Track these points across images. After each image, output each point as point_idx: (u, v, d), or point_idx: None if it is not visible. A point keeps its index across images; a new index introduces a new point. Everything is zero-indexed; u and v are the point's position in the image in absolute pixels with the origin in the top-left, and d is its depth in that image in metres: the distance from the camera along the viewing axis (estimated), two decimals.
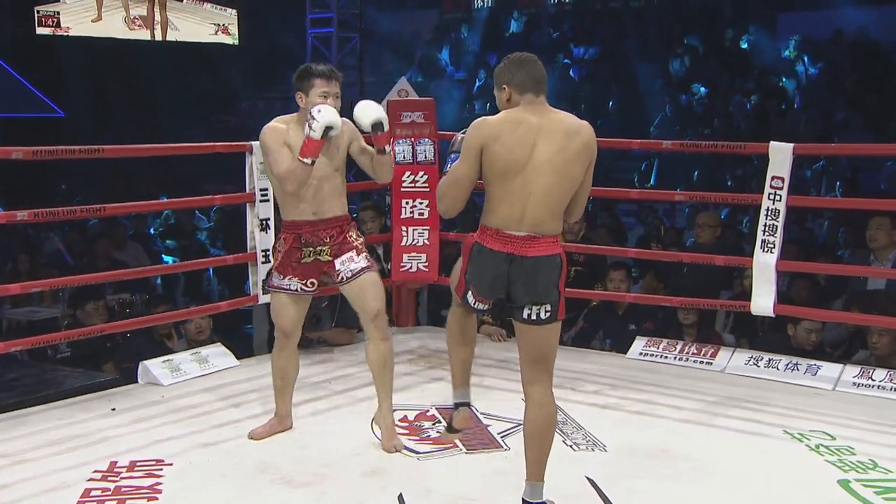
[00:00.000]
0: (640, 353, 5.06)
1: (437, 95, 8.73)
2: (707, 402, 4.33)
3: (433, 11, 15.97)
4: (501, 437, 3.85)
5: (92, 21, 11.06)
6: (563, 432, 3.88)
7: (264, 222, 4.87)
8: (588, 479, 3.43)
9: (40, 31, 10.44)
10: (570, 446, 3.76)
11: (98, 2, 10.87)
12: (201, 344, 5.04)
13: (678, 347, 5.02)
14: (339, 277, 3.67)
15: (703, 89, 12.09)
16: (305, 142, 3.47)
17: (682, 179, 9.85)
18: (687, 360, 4.95)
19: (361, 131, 3.66)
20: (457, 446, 3.72)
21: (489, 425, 3.97)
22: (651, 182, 10.93)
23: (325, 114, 3.46)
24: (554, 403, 3.12)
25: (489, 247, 2.99)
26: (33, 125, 12.17)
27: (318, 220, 3.65)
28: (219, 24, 12.07)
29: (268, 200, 4.85)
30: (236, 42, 12.31)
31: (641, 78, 12.61)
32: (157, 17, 11.48)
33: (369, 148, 3.71)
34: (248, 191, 4.87)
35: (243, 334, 6.49)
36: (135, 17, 11.21)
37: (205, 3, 11.90)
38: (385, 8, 13.92)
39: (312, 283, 3.71)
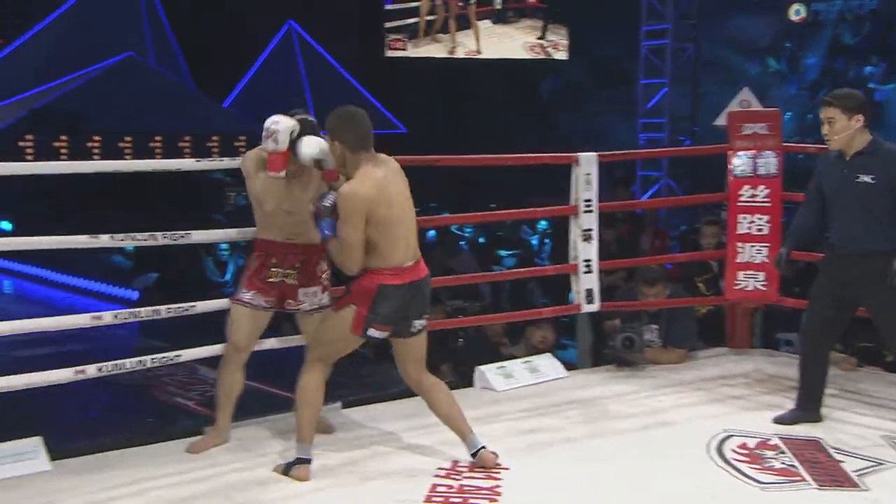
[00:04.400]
0: None
1: (776, 105, 8.26)
2: None
3: (770, 18, 15.18)
4: (858, 475, 3.51)
5: (412, 46, 11.78)
6: None
7: (587, 233, 4.87)
8: None
9: (388, 53, 11.30)
10: None
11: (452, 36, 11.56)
12: (540, 352, 5.16)
13: None
14: (300, 306, 3.74)
15: None
16: (270, 157, 3.49)
17: None
18: None
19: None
20: (805, 480, 3.45)
21: (842, 462, 3.64)
22: None
23: (284, 122, 3.48)
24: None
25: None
26: (377, 141, 13.22)
27: (289, 244, 3.67)
28: (548, 41, 12.35)
29: (591, 211, 4.86)
30: (565, 57, 12.50)
31: None
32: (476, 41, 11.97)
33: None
34: (571, 203, 4.90)
35: (559, 345, 6.53)
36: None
37: (522, 20, 12.21)
38: (721, 16, 13.42)
39: (270, 303, 3.72)
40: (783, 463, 3.64)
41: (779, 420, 4.13)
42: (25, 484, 3.42)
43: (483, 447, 3.59)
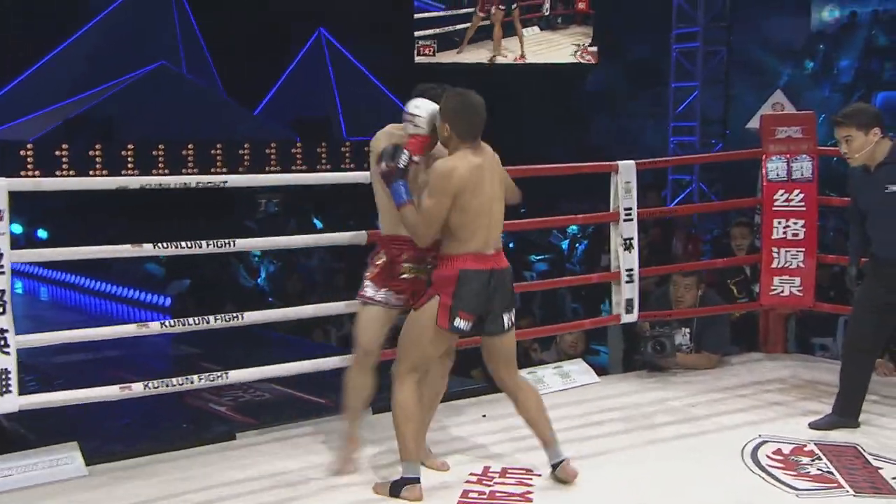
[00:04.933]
0: None
1: (810, 108, 8.18)
2: None
3: (803, 20, 15.05)
4: None
5: (456, 52, 11.80)
6: None
7: (628, 241, 4.84)
8: None
9: (418, 59, 11.34)
10: None
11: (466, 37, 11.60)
12: (571, 357, 5.14)
13: None
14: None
15: None
16: (410, 140, 3.35)
17: None
18: None
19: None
20: (842, 486, 3.40)
21: (880, 468, 3.59)
22: None
23: (425, 106, 3.36)
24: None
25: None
26: None
27: None
28: (579, 45, 12.32)
29: (631, 220, 4.83)
30: (595, 62, 12.48)
31: None
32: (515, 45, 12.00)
33: None
34: (612, 209, 4.87)
35: (590, 351, 6.49)
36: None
37: (571, 26, 12.21)
38: (754, 18, 13.33)
39: (400, 300, 3.52)
40: (819, 469, 3.60)
41: (815, 425, 4.09)
42: (60, 490, 3.46)
43: (565, 459, 3.49)
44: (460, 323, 3.30)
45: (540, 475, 3.58)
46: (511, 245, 10.13)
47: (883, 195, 3.92)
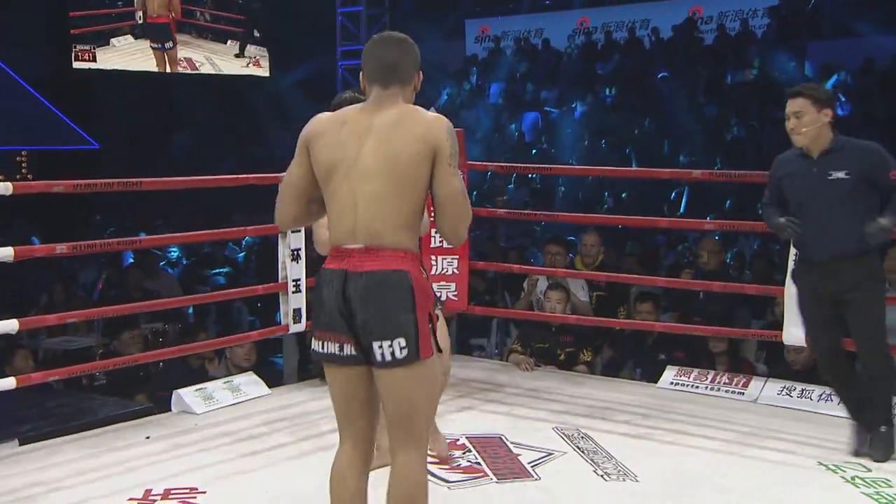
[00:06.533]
0: (671, 383, 5.03)
1: (466, 125, 8.79)
2: (740, 433, 4.29)
3: (459, 42, 16.17)
4: (532, 466, 3.84)
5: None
6: (594, 462, 3.87)
7: (295, 252, 4.93)
8: None
9: (77, 65, 10.68)
10: (602, 476, 3.74)
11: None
12: (244, 370, 5.12)
13: (710, 377, 4.99)
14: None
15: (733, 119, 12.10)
16: None
17: (712, 208, 9.84)
18: (718, 389, 4.91)
19: None
20: (487, 475, 3.72)
21: (519, 455, 3.96)
22: (681, 210, 10.92)
23: None
24: (423, 473, 2.53)
25: (326, 266, 2.53)
26: (66, 157, 12.43)
27: None
28: (250, 57, 12.29)
29: (299, 231, 4.92)
30: (267, 74, 12.51)
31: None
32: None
33: None
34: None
35: (272, 364, 6.53)
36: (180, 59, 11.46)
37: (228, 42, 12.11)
38: (413, 39, 14.22)
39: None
40: (469, 461, 3.89)
41: (857, 452, 3.90)
42: None
43: None
44: (316, 344, 2.54)
45: (205, 492, 3.55)
46: (184, 261, 9.86)
47: (825, 181, 3.70)
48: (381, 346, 2.42)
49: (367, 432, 2.61)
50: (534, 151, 12.95)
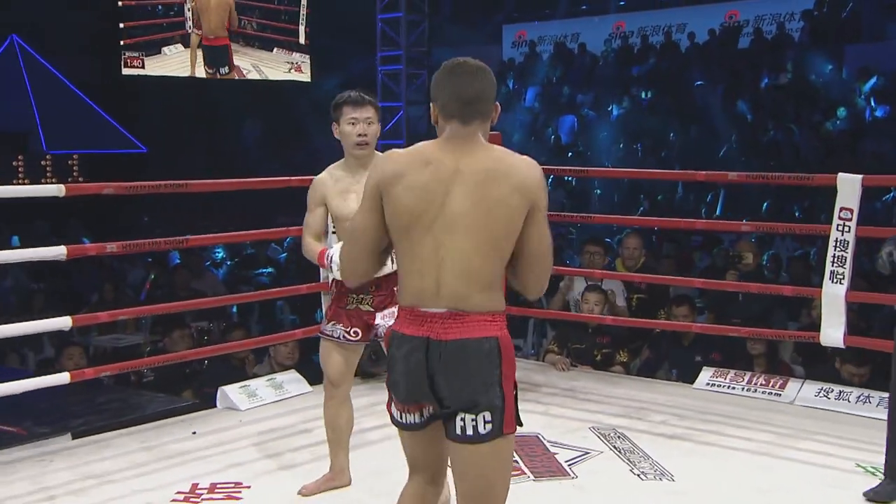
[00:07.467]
0: (707, 384, 5.06)
1: (502, 129, 8.86)
2: (777, 434, 4.31)
3: (496, 47, 16.23)
4: (569, 465, 3.90)
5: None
6: (630, 461, 3.92)
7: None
8: None
9: (126, 71, 10.92)
10: (638, 475, 3.79)
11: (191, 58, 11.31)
12: (287, 368, 5.23)
13: (746, 378, 5.00)
14: (377, 332, 3.43)
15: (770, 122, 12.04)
16: (319, 261, 3.38)
17: (748, 211, 9.81)
18: (755, 391, 4.92)
19: None
20: (525, 473, 3.79)
21: (556, 453, 4.03)
22: (717, 213, 10.89)
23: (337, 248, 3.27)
24: None
25: (402, 331, 2.26)
26: (115, 160, 12.74)
27: None
28: (292, 63, 12.45)
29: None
30: (309, 79, 12.68)
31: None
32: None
33: None
34: None
35: (313, 362, 6.64)
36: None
37: (274, 49, 12.26)
38: (451, 44, 14.27)
39: (356, 333, 3.46)
40: None
41: (873, 497, 3.57)
42: None
43: None
44: (395, 411, 2.32)
45: (249, 487, 3.66)
46: (228, 262, 10.05)
47: None
48: (463, 420, 2.20)
49: (442, 468, 2.45)
50: (570, 154, 13.00)
